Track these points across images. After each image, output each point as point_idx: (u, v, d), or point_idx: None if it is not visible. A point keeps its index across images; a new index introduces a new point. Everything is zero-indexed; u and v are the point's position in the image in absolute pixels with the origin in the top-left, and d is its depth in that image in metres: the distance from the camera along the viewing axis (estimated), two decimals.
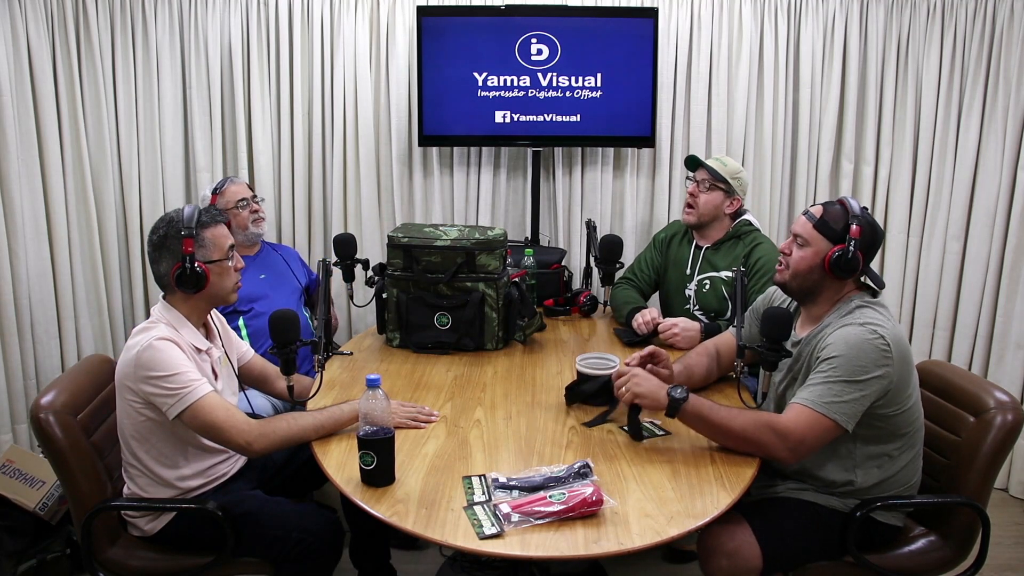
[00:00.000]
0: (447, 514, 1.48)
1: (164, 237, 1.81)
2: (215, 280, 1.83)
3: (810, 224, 1.80)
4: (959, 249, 3.14)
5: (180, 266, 1.78)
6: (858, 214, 1.76)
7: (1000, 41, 2.99)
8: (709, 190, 2.57)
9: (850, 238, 1.74)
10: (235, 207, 2.64)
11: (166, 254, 1.80)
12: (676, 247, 2.72)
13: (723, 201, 2.57)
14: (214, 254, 1.84)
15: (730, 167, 2.58)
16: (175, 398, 1.70)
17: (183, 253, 1.77)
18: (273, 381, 2.13)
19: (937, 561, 1.83)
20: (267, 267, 2.72)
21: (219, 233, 1.86)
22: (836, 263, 1.75)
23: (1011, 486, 3.11)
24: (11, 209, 2.77)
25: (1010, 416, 1.79)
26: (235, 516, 1.78)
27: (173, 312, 1.83)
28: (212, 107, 3.03)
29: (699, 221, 2.60)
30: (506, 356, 2.38)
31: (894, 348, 1.68)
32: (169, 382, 1.69)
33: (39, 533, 2.43)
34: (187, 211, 1.82)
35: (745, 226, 2.57)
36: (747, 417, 1.69)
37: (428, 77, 3.01)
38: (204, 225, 1.83)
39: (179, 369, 1.71)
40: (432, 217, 3.22)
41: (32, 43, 2.76)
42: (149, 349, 1.70)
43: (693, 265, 2.62)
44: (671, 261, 2.72)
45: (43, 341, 2.90)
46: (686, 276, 2.63)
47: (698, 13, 3.08)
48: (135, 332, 1.78)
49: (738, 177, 2.57)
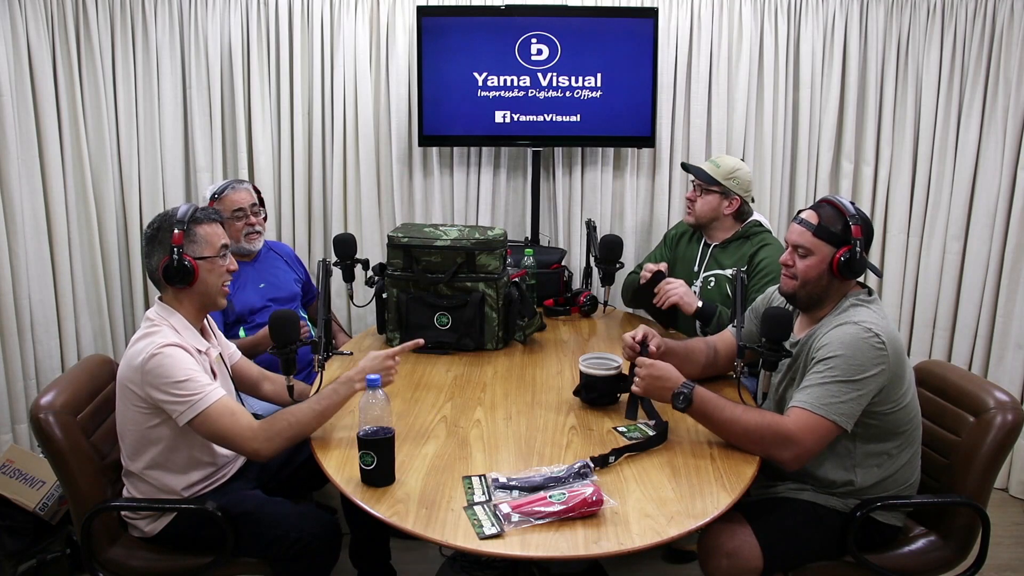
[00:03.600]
0: (447, 514, 1.48)
1: (157, 230, 1.82)
2: (203, 276, 1.83)
3: (809, 232, 1.79)
4: (959, 249, 3.14)
5: (168, 259, 1.78)
6: (854, 213, 1.76)
7: (1000, 41, 2.99)
8: (704, 193, 2.57)
9: (853, 239, 1.74)
10: (231, 217, 2.54)
11: (157, 247, 1.81)
12: (685, 244, 2.73)
13: (720, 203, 2.57)
14: (205, 251, 1.83)
15: (724, 167, 2.56)
16: (186, 404, 1.69)
17: (171, 245, 1.77)
18: (260, 385, 2.12)
19: (937, 561, 1.83)
20: (265, 276, 2.66)
21: (212, 231, 1.86)
22: (844, 266, 1.75)
23: (1011, 486, 3.11)
24: (11, 209, 2.77)
25: (1010, 416, 1.79)
26: (234, 516, 1.77)
27: (170, 311, 1.83)
28: (212, 107, 3.03)
29: (697, 223, 2.62)
30: (506, 356, 2.38)
31: (889, 345, 1.68)
32: (180, 388, 1.69)
33: (39, 533, 2.42)
34: (183, 208, 1.83)
35: (755, 227, 2.57)
36: (751, 418, 1.69)
37: (428, 77, 3.01)
38: (197, 221, 1.84)
39: (189, 375, 1.70)
40: (432, 217, 3.22)
41: (32, 43, 2.76)
42: (158, 356, 1.69)
43: (701, 262, 2.63)
44: (679, 257, 2.73)
45: (43, 341, 2.90)
46: (693, 272, 2.64)
47: (698, 13, 3.08)
48: (137, 337, 1.77)
49: (733, 177, 2.55)
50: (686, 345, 2.10)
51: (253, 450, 1.73)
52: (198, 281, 1.82)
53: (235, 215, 2.56)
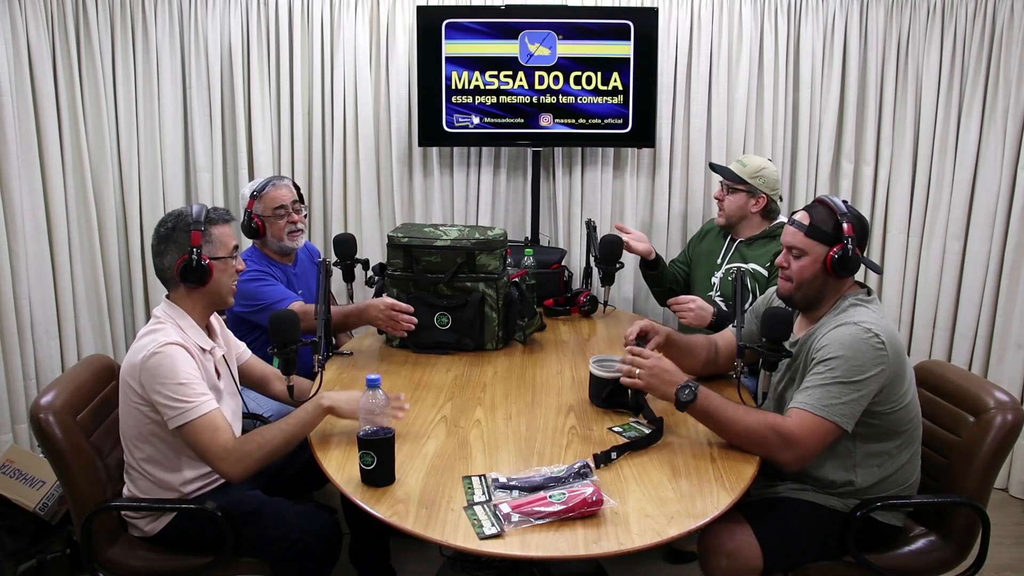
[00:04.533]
0: (447, 514, 1.48)
1: (172, 230, 1.82)
2: (217, 276, 1.85)
3: (801, 233, 1.80)
4: (959, 249, 3.14)
5: (186, 258, 1.79)
6: (845, 211, 1.77)
7: (1000, 41, 2.99)
8: (731, 192, 2.63)
9: (845, 236, 1.74)
10: (272, 215, 2.50)
11: (172, 247, 1.81)
12: (711, 240, 2.78)
13: (747, 201, 2.62)
14: (219, 251, 1.85)
15: (750, 166, 2.62)
16: (177, 411, 1.70)
17: (190, 245, 1.79)
18: (272, 382, 2.13)
19: (937, 561, 1.83)
20: (304, 282, 2.64)
21: (225, 232, 1.88)
22: (838, 264, 1.75)
23: (1011, 486, 3.11)
24: (11, 209, 2.77)
25: (1010, 416, 1.78)
26: (234, 516, 1.77)
27: (177, 310, 1.84)
28: (212, 107, 3.03)
29: (728, 222, 2.67)
30: (506, 356, 2.38)
31: (889, 345, 1.68)
32: (175, 392, 1.69)
33: (39, 533, 2.42)
34: (195, 208, 1.85)
35: (781, 228, 2.58)
36: (753, 419, 1.69)
37: (428, 77, 3.01)
38: (212, 222, 1.86)
39: (186, 380, 1.71)
40: (432, 217, 3.22)
41: (32, 43, 2.76)
42: (159, 354, 1.70)
43: (725, 254, 2.68)
44: (703, 252, 2.78)
45: (43, 341, 2.90)
46: (716, 265, 2.69)
47: (698, 13, 3.08)
48: (142, 333, 1.78)
49: (760, 175, 2.60)
50: (688, 339, 2.11)
51: (222, 471, 1.73)
52: (212, 280, 1.83)
53: (276, 213, 2.50)
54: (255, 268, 2.44)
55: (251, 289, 2.38)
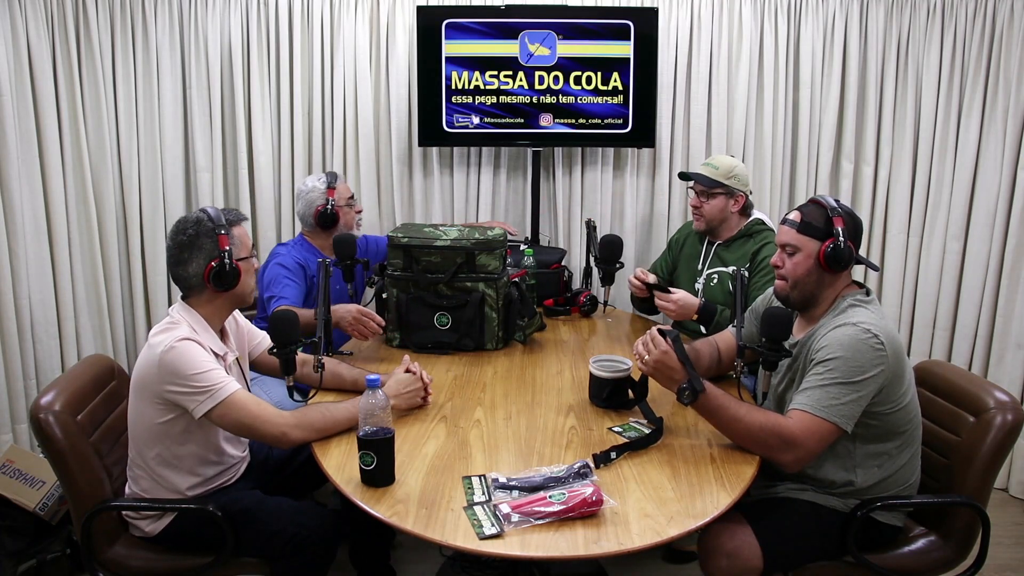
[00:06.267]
0: (447, 514, 1.48)
1: (195, 236, 1.79)
2: (244, 278, 1.85)
3: (794, 230, 1.81)
4: (959, 249, 3.14)
5: (219, 261, 1.77)
6: (836, 207, 1.78)
7: (1000, 41, 2.99)
8: (709, 198, 2.58)
9: (836, 230, 1.75)
10: (345, 204, 2.71)
11: (197, 253, 1.79)
12: (690, 245, 2.75)
13: (727, 203, 2.58)
14: (242, 252, 1.85)
15: (722, 168, 2.57)
16: (206, 395, 1.69)
17: (220, 249, 1.78)
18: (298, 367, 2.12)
19: (937, 561, 1.83)
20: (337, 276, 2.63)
21: (244, 232, 1.89)
22: (830, 257, 1.76)
23: (1011, 486, 3.11)
24: (11, 209, 2.77)
25: (1010, 416, 1.79)
26: (232, 514, 1.77)
27: (194, 315, 1.82)
28: (212, 107, 3.03)
29: (708, 227, 2.63)
30: (506, 356, 2.38)
31: (888, 345, 1.68)
32: (198, 380, 1.69)
33: (39, 533, 2.42)
34: (211, 211, 1.82)
35: (757, 225, 2.58)
36: (755, 419, 1.69)
37: (428, 77, 3.01)
38: (232, 224, 1.85)
39: (206, 367, 1.71)
40: (432, 217, 3.22)
41: (32, 43, 2.76)
42: (173, 350, 1.69)
43: (704, 259, 2.65)
44: (683, 257, 2.75)
45: (43, 341, 2.90)
46: (696, 270, 2.66)
47: (698, 13, 3.08)
48: (155, 331, 1.76)
49: (733, 175, 2.57)
50: (692, 347, 2.09)
51: (281, 432, 1.72)
52: (240, 282, 1.83)
53: (349, 203, 2.74)
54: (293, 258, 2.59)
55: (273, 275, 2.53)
